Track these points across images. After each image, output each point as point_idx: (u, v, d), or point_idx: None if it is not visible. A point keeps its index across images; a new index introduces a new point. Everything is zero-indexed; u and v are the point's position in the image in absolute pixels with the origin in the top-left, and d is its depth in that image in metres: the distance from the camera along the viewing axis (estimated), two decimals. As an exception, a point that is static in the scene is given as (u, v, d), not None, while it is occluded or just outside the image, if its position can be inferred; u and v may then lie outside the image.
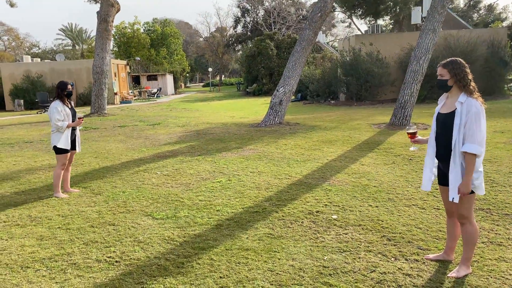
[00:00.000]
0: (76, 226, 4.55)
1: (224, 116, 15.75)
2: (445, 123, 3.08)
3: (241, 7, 52.44)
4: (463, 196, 3.04)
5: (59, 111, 5.62)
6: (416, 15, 20.93)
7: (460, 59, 3.12)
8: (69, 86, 5.79)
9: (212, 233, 4.20)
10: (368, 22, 45.38)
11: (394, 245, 3.76)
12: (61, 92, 5.70)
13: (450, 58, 3.16)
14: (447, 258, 3.41)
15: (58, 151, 5.69)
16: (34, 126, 14.59)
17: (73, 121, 5.78)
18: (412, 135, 3.52)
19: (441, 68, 3.12)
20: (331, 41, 54.05)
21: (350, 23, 54.70)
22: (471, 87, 3.03)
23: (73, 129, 5.89)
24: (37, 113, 20.87)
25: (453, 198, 3.07)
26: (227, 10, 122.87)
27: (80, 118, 5.84)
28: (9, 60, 44.05)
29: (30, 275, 3.46)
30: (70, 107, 5.83)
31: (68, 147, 5.73)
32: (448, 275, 3.18)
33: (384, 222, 4.32)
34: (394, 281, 3.13)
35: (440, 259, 3.41)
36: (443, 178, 3.24)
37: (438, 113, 3.19)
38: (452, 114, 3.04)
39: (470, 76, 3.07)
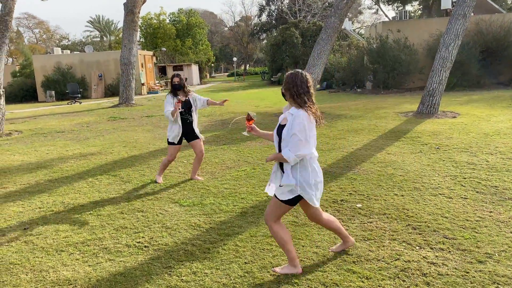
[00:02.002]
0: (107, 212, 4.72)
1: (249, 106, 15.79)
2: (280, 135, 3.07)
3: (266, -5, 52.04)
4: (269, 161, 3.10)
5: (169, 102, 5.60)
6: (446, 0, 20.27)
7: (299, 71, 3.08)
8: (175, 79, 5.58)
9: (237, 220, 4.28)
10: (396, 8, 44.29)
11: (419, 234, 3.74)
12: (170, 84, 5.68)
13: (292, 70, 3.13)
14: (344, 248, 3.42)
15: (168, 142, 5.79)
16: (65, 117, 15.04)
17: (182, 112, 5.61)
18: (248, 120, 3.33)
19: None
20: (358, 28, 53.05)
21: (377, 10, 53.52)
22: (298, 99, 3.00)
23: (184, 122, 5.66)
24: (67, 104, 21.47)
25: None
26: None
27: (178, 101, 5.50)
28: (41, 53, 45.33)
29: (64, 258, 3.64)
30: (182, 100, 5.55)
31: (170, 139, 5.72)
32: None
33: (409, 211, 4.29)
34: (418, 269, 3.13)
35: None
36: None
37: (279, 125, 3.14)
38: (284, 126, 3.05)
39: (300, 89, 3.01)
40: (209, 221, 4.30)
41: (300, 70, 3.11)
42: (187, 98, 5.67)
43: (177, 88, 5.64)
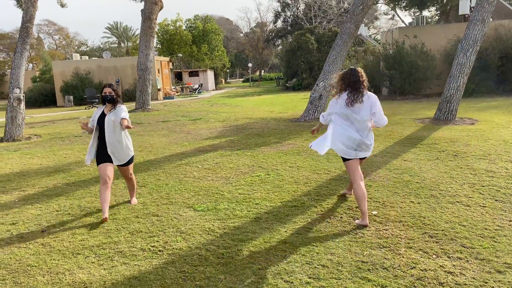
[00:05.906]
0: (122, 216, 4.76)
1: (264, 111, 15.81)
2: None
3: (282, 1, 52.10)
4: None
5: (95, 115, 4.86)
6: (464, 5, 20.02)
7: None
8: (106, 90, 4.75)
9: (251, 225, 4.28)
10: (412, 14, 43.89)
11: (436, 242, 3.68)
12: None
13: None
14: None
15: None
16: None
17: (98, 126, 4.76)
18: None
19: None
20: (374, 34, 52.76)
21: (393, 15, 53.12)
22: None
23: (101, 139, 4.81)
24: (85, 109, 21.81)
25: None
26: (267, 5, 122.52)
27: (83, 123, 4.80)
28: (60, 58, 46.22)
29: (80, 261, 3.68)
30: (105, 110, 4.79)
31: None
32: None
33: (426, 218, 4.23)
34: (435, 278, 3.07)
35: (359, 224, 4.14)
36: None
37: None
38: None
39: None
40: (223, 226, 4.30)
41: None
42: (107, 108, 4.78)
43: (107, 101, 4.74)
